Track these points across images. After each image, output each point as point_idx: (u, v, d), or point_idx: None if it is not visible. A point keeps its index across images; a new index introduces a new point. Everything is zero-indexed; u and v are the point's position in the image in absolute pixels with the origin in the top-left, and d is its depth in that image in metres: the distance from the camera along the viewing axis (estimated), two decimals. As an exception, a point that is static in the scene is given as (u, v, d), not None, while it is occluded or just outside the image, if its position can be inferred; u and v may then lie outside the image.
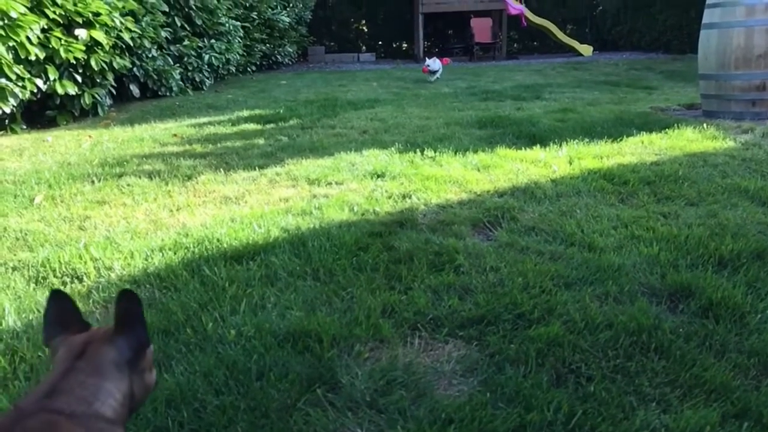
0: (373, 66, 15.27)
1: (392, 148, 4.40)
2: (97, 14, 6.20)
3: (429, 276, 2.22)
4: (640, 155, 4.00)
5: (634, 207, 3.00)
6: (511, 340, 1.78)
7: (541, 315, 1.91)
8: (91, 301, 2.09)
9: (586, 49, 15.59)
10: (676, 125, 4.81)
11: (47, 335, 1.11)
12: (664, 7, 13.45)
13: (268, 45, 13.29)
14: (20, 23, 5.22)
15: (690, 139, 4.35)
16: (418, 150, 4.27)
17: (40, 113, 6.37)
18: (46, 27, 5.73)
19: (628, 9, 15.59)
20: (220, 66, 9.88)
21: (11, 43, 5.27)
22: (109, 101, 7.04)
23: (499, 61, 15.04)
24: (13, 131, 5.83)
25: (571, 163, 3.83)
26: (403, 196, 3.24)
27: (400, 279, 2.20)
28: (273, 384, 1.55)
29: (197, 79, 9.15)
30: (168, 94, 8.30)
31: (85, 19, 6.11)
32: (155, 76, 7.87)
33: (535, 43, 18.58)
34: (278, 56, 14.19)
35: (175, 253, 2.49)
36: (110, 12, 6.36)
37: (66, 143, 5.07)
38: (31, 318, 1.97)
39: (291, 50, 14.98)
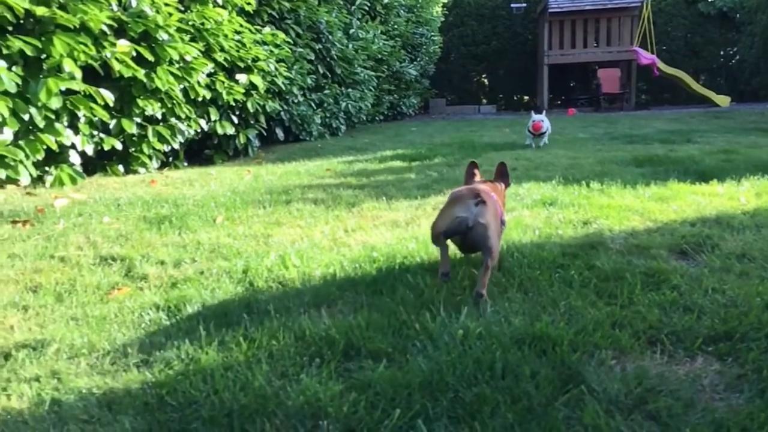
0: (496, 116, 15.28)
1: (552, 182, 4.29)
2: (255, 60, 6.63)
3: (647, 294, 2.07)
4: (840, 190, 3.64)
5: None
6: (775, 357, 1.60)
7: (798, 335, 1.71)
8: (306, 301, 2.11)
9: (722, 100, 14.82)
10: None
11: (466, 181, 2.54)
12: (814, 54, 12.58)
13: (394, 96, 13.69)
14: (193, 66, 5.66)
15: None
16: (582, 183, 4.13)
17: (198, 152, 6.83)
18: (212, 71, 6.19)
19: (770, 57, 14.74)
20: (354, 113, 10.24)
21: (183, 85, 5.72)
22: (257, 143, 7.44)
23: (627, 112, 14.58)
24: (176, 167, 6.26)
25: (759, 196, 3.55)
26: (584, 223, 3.11)
27: (614, 295, 2.07)
28: (527, 381, 1.46)
29: (333, 125, 9.52)
30: (308, 138, 8.67)
31: (245, 65, 6.55)
32: (299, 121, 8.25)
33: (666, 94, 17.89)
34: (403, 107, 14.56)
35: (370, 264, 2.50)
36: (267, 58, 6.78)
37: (229, 176, 5.36)
38: (250, 313, 2.02)
39: (415, 101, 15.35)
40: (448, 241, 2.17)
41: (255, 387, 1.51)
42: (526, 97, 19.57)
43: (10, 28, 4.32)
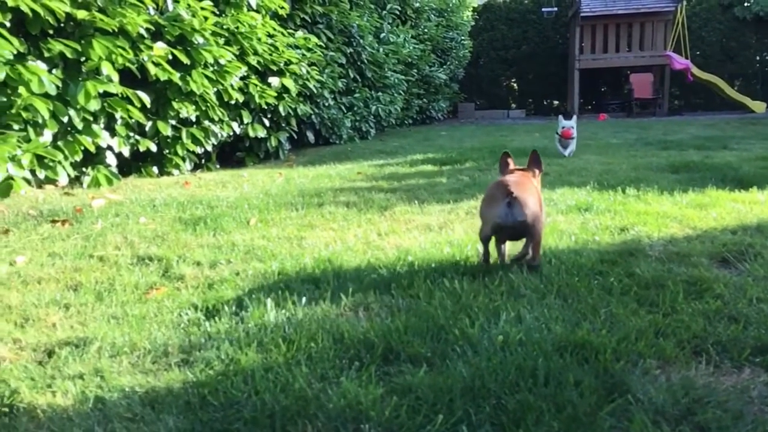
0: (525, 121, 15.18)
1: (587, 187, 4.24)
2: (288, 63, 6.68)
3: (690, 303, 2.03)
4: None
5: None
6: (827, 370, 1.55)
7: None
8: (342, 304, 2.11)
9: (758, 106, 14.52)
10: None
11: (501, 172, 2.63)
12: None
13: (423, 100, 13.68)
14: (227, 69, 5.72)
15: None
16: (617, 189, 4.08)
17: (230, 154, 6.90)
18: (245, 74, 6.25)
19: (809, 62, 14.40)
20: (384, 117, 10.25)
21: (217, 88, 5.79)
22: (288, 146, 7.50)
23: (660, 117, 14.36)
24: (209, 169, 6.32)
25: (803, 205, 3.46)
26: (621, 229, 3.07)
27: (655, 304, 2.04)
28: (570, 388, 1.44)
29: (363, 129, 9.54)
30: (338, 141, 8.70)
31: (278, 68, 6.60)
32: (329, 124, 8.29)
33: (699, 100, 17.58)
34: (432, 111, 14.55)
35: (404, 268, 2.49)
36: (299, 61, 6.83)
37: (261, 179, 5.41)
38: (288, 315, 2.03)
39: (444, 106, 15.32)
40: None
41: (295, 389, 1.51)
42: (555, 102, 19.40)
43: (51, 32, 4.42)
